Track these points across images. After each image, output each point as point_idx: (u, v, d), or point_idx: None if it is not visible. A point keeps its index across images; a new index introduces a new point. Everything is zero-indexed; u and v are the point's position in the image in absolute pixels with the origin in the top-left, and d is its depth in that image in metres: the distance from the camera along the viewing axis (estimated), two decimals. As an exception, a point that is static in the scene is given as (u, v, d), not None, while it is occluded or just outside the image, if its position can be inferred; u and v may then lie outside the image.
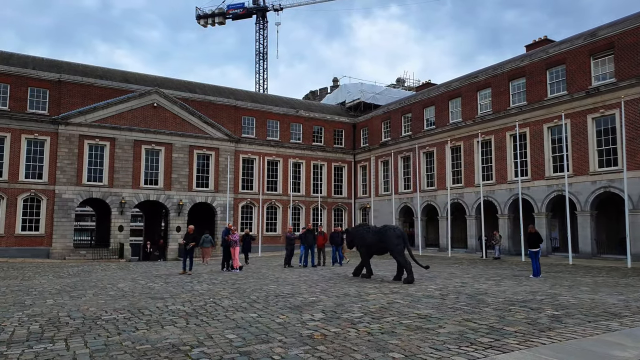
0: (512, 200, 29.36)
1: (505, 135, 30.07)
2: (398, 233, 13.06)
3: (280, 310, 8.43)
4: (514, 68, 29.92)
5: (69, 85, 32.02)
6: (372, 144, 41.29)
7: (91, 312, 8.76)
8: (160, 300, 9.89)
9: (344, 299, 9.58)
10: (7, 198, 29.32)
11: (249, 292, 11.01)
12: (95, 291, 11.98)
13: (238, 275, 15.55)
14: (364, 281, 13.17)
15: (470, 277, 14.84)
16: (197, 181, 35.87)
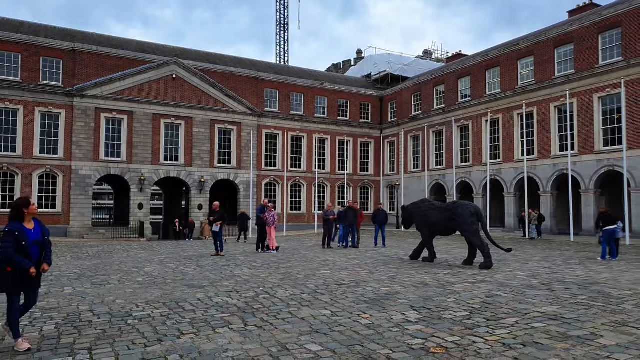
0: (556, 177, 27.22)
1: (550, 106, 27.71)
2: (472, 210, 11.18)
3: (354, 305, 6.71)
4: (561, 34, 27.36)
5: (84, 55, 30.31)
6: (401, 117, 39.09)
7: (119, 305, 7.14)
8: (200, 290, 8.24)
9: (427, 290, 7.81)
10: (21, 174, 28.04)
11: (302, 279, 9.32)
12: (120, 277, 10.41)
13: (278, 257, 13.90)
14: (431, 266, 11.35)
15: (540, 259, 13.00)
16: (218, 157, 34.24)
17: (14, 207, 5.15)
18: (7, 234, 4.95)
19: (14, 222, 5.06)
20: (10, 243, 4.90)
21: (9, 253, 4.86)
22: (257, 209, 16.90)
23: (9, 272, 4.91)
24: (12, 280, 4.95)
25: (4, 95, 27.63)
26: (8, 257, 4.87)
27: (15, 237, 4.93)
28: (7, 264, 4.89)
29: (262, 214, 16.23)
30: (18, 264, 4.87)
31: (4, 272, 4.91)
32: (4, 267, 4.90)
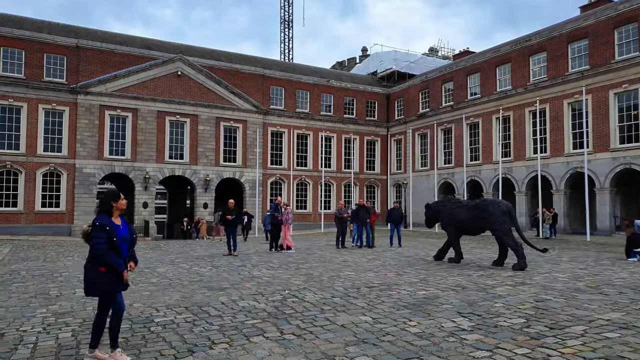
0: (570, 175, 26.69)
1: (563, 103, 27.17)
2: (504, 208, 10.64)
3: (394, 310, 6.20)
4: (575, 29, 26.82)
5: (88, 51, 29.80)
6: (409, 115, 38.55)
7: (137, 309, 6.64)
8: (222, 293, 7.73)
9: (468, 294, 7.27)
10: (25, 172, 27.54)
11: (327, 281, 8.81)
12: (134, 278, 9.89)
13: (294, 257, 13.39)
14: (460, 267, 10.78)
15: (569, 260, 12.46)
16: (224, 155, 33.71)
17: (102, 201, 4.59)
18: (98, 229, 4.35)
19: (103, 217, 4.47)
20: (102, 239, 4.31)
21: (102, 250, 4.28)
22: (271, 208, 16.38)
23: (102, 273, 4.32)
24: (108, 282, 4.36)
25: (7, 92, 27.14)
26: (101, 254, 4.28)
27: (107, 232, 4.35)
28: (100, 263, 4.31)
29: (276, 212, 15.72)
30: (111, 264, 4.30)
31: (97, 272, 4.32)
32: (96, 267, 4.32)
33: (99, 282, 4.36)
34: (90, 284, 4.39)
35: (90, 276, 4.38)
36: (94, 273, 4.37)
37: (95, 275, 4.35)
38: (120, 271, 4.39)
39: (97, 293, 4.43)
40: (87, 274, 4.43)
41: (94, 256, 4.35)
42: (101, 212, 4.53)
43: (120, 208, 4.64)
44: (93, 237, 4.33)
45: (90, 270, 4.41)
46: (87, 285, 4.43)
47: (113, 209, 4.57)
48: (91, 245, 4.35)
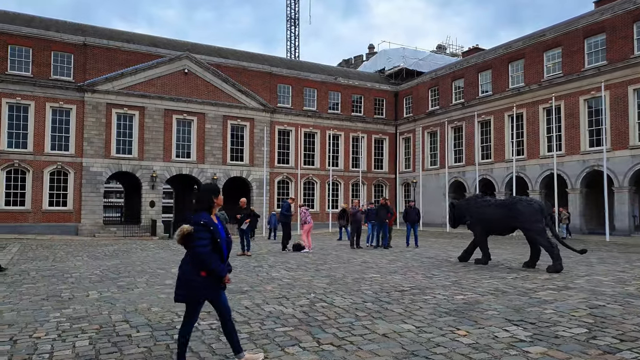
0: (586, 173, 26.12)
1: (579, 99, 26.60)
2: (536, 207, 10.15)
3: (436, 317, 5.73)
4: (591, 23, 26.24)
5: (95, 49, 29.47)
6: (417, 113, 38.04)
7: (156, 314, 6.23)
8: (244, 296, 7.30)
9: (510, 299, 6.76)
10: (32, 171, 27.24)
11: (352, 283, 8.37)
12: (147, 279, 9.52)
13: (310, 258, 12.96)
14: (490, 269, 10.24)
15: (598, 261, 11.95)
16: (231, 154, 33.33)
17: (202, 196, 4.09)
18: (203, 228, 3.85)
19: (204, 214, 3.98)
20: (206, 240, 3.84)
21: (206, 253, 3.81)
22: (283, 207, 15.96)
23: (204, 278, 3.86)
24: (204, 287, 3.90)
25: (15, 91, 26.86)
26: (205, 259, 3.81)
27: (212, 232, 3.89)
28: (202, 267, 3.84)
29: (288, 212, 15.30)
30: (213, 269, 3.85)
31: (199, 277, 3.85)
32: (198, 271, 3.84)
33: (201, 289, 3.90)
34: (191, 289, 3.89)
35: (193, 282, 3.87)
36: (195, 278, 3.87)
37: (198, 281, 3.87)
38: (222, 276, 3.95)
39: (197, 300, 3.96)
40: (185, 277, 3.91)
41: (195, 259, 3.86)
42: (201, 209, 4.02)
43: (219, 205, 4.18)
44: (196, 238, 3.84)
45: (191, 274, 3.89)
46: (187, 291, 3.90)
47: (214, 206, 4.11)
48: (192, 247, 3.86)
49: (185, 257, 4.03)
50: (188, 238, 3.89)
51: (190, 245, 3.89)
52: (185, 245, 3.96)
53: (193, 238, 3.85)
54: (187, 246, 3.96)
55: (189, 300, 3.94)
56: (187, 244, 3.92)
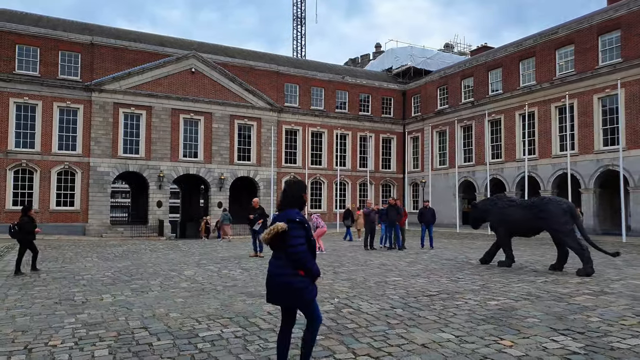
0: (600, 173, 25.69)
1: (592, 98, 26.16)
2: (565, 207, 9.79)
3: (474, 325, 5.39)
4: (605, 20, 25.80)
5: (102, 48, 29.28)
6: (426, 112, 37.65)
7: (175, 320, 5.94)
8: (264, 300, 6.97)
9: (547, 305, 6.36)
10: (40, 171, 27.09)
11: (375, 287, 8.05)
12: (161, 281, 9.24)
13: (326, 260, 12.64)
14: (516, 272, 9.82)
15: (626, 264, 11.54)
16: (238, 154, 33.08)
17: (292, 191, 3.88)
18: (298, 226, 3.62)
19: (297, 211, 3.76)
20: (303, 238, 3.63)
21: (304, 252, 3.61)
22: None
23: (303, 278, 3.65)
24: (306, 287, 3.68)
25: (22, 91, 26.72)
26: (302, 257, 3.60)
27: (307, 230, 3.68)
28: (299, 266, 3.62)
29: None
30: (310, 269, 3.63)
31: (296, 277, 3.62)
32: (296, 271, 3.62)
33: (307, 289, 3.66)
34: (294, 291, 3.63)
35: (294, 283, 3.63)
36: (295, 279, 3.61)
37: (299, 281, 3.63)
38: (318, 276, 3.74)
39: (304, 302, 3.68)
40: (283, 279, 3.65)
41: (292, 258, 3.62)
42: (291, 206, 3.79)
43: (306, 201, 3.97)
44: (292, 237, 3.60)
45: (289, 275, 3.63)
46: (291, 293, 3.65)
47: (304, 203, 3.90)
48: (288, 246, 3.61)
49: (275, 257, 3.76)
50: (280, 237, 3.62)
51: (286, 245, 3.63)
52: (274, 244, 3.72)
53: (288, 237, 3.62)
54: (276, 246, 3.72)
55: (298, 304, 3.70)
56: (277, 243, 3.68)
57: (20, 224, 10.90)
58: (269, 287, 3.75)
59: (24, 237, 10.87)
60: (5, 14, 28.81)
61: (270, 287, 3.74)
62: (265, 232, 3.67)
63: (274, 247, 3.75)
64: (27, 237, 10.88)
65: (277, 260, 3.72)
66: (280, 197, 4.00)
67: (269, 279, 3.76)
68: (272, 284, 3.71)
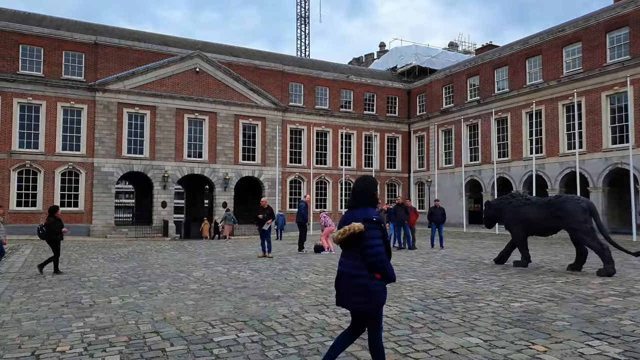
0: (609, 171, 25.39)
1: (601, 96, 25.86)
2: (584, 205, 9.54)
3: (501, 329, 5.15)
4: (613, 17, 25.50)
5: (106, 48, 29.13)
6: (431, 111, 37.39)
7: (187, 324, 5.73)
8: (278, 303, 6.79)
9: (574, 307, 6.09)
10: (44, 171, 26.95)
11: (390, 289, 7.68)
12: (169, 283, 9.04)
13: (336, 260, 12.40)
14: (534, 272, 9.53)
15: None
16: (243, 153, 32.88)
17: (364, 189, 3.61)
18: (375, 226, 3.39)
19: (372, 210, 3.53)
20: (380, 239, 3.41)
21: (382, 254, 3.38)
22: (300, 206, 15.42)
23: (379, 282, 3.41)
24: (383, 291, 3.46)
25: (26, 91, 26.59)
26: (380, 259, 3.37)
27: (384, 231, 3.47)
28: (376, 269, 3.38)
29: (305, 212, 14.81)
30: (387, 272, 3.41)
31: (373, 280, 3.37)
32: (372, 274, 3.37)
33: (381, 294, 3.44)
34: (371, 295, 3.39)
35: (371, 286, 3.39)
36: (372, 282, 3.37)
37: (376, 284, 3.40)
38: (393, 281, 3.50)
39: (376, 306, 3.44)
40: (359, 282, 3.40)
41: (370, 260, 3.38)
42: (364, 205, 3.54)
43: (378, 199, 3.73)
44: (368, 237, 3.36)
45: (366, 277, 3.37)
46: (368, 298, 3.39)
47: (377, 201, 3.66)
48: (364, 247, 3.38)
49: (348, 257, 3.51)
50: (356, 237, 3.38)
51: (362, 245, 3.39)
52: (347, 244, 3.47)
53: (364, 237, 3.38)
54: (349, 247, 3.48)
55: (371, 308, 3.43)
56: (352, 243, 3.44)
57: (47, 225, 10.93)
58: (341, 288, 3.50)
59: (51, 237, 10.87)
60: (8, 13, 28.70)
61: (343, 288, 3.48)
62: (339, 233, 3.45)
63: (346, 246, 3.52)
64: (53, 238, 10.89)
65: (352, 260, 3.46)
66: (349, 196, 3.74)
67: (341, 279, 3.51)
68: (345, 285, 3.46)
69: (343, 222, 3.53)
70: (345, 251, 3.55)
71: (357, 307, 3.43)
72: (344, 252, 3.58)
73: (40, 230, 11.04)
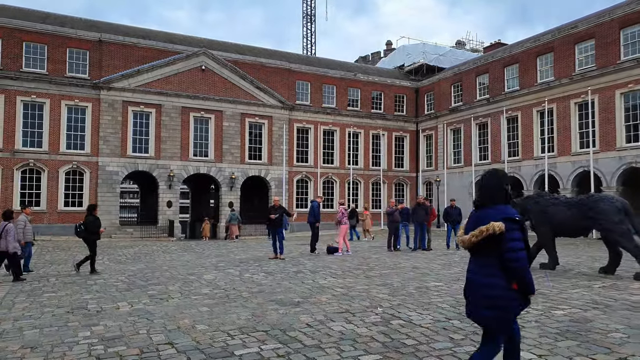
0: (623, 170, 24.80)
1: (615, 93, 25.25)
2: (619, 205, 9.04)
3: (552, 340, 4.68)
4: (628, 13, 24.89)
5: (111, 46, 28.74)
6: (440, 109, 36.84)
7: (204, 334, 5.27)
8: (299, 310, 6.33)
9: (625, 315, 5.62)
10: (48, 171, 26.58)
11: (417, 294, 7.35)
12: (180, 287, 8.59)
13: (351, 262, 11.96)
14: (562, 276, 9.07)
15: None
16: (249, 153, 32.43)
17: (497, 183, 3.18)
18: (517, 226, 2.97)
19: (510, 208, 3.13)
20: (521, 242, 2.97)
21: (524, 259, 2.96)
22: (313, 206, 14.94)
23: (514, 293, 2.96)
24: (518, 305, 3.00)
25: (30, 89, 26.21)
26: (522, 267, 2.94)
27: (525, 233, 3.02)
28: (516, 277, 2.94)
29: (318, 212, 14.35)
30: (529, 282, 2.97)
31: (508, 290, 2.94)
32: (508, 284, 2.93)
33: (516, 307, 2.99)
34: (503, 308, 2.94)
35: (503, 297, 2.94)
36: (506, 293, 2.89)
37: (510, 296, 2.93)
38: (533, 292, 3.04)
39: (508, 320, 3.01)
40: (490, 292, 2.96)
41: (511, 266, 2.93)
42: (496, 202, 3.11)
43: (510, 194, 3.29)
44: (509, 240, 2.92)
45: (500, 287, 2.92)
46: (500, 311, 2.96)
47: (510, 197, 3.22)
48: (505, 250, 2.93)
49: (480, 264, 3.07)
50: (493, 239, 2.90)
51: (502, 249, 2.93)
52: (477, 248, 3.05)
53: (504, 240, 2.93)
54: (480, 250, 3.04)
55: (503, 324, 2.99)
56: (484, 247, 3.00)
57: (85, 223, 10.55)
58: (474, 299, 3.04)
59: (88, 236, 10.49)
60: (11, 10, 28.35)
61: (476, 299, 3.02)
62: (472, 235, 2.97)
63: (476, 250, 3.08)
64: (90, 237, 10.52)
65: (484, 267, 3.00)
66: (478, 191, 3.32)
67: (472, 289, 3.06)
68: (478, 297, 2.98)
69: (473, 223, 3.07)
70: (474, 256, 3.12)
71: (488, 323, 2.97)
72: (473, 258, 3.14)
73: (78, 228, 10.73)
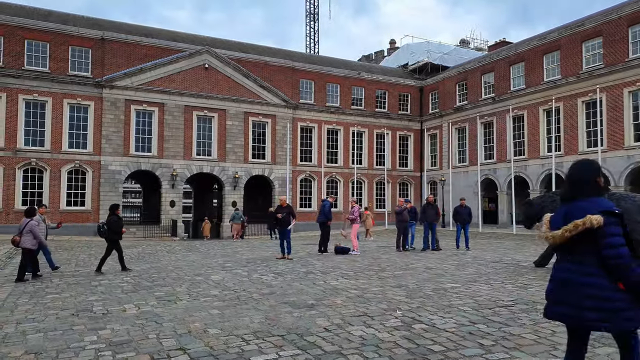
0: (631, 170, 24.52)
1: (623, 92, 24.96)
2: None
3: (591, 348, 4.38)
4: (636, 10, 24.58)
5: (113, 44, 28.50)
6: (444, 108, 36.55)
7: (217, 339, 5.01)
8: (315, 313, 6.06)
9: None
10: (50, 170, 26.35)
11: (435, 296, 7.06)
12: (188, 288, 8.32)
13: (361, 262, 11.68)
14: None
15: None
16: (252, 152, 32.18)
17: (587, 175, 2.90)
18: (616, 220, 2.69)
19: (605, 200, 2.85)
20: (622, 238, 2.67)
21: (627, 256, 2.64)
22: (324, 205, 14.63)
23: (623, 294, 2.65)
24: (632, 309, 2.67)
25: (32, 87, 25.99)
26: (625, 264, 2.62)
27: (625, 228, 2.73)
28: (620, 276, 2.64)
29: (330, 212, 14.08)
30: (635, 281, 2.62)
31: (616, 292, 2.65)
32: (614, 284, 2.66)
33: (628, 310, 2.66)
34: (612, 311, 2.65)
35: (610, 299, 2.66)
36: (617, 294, 2.63)
37: (619, 298, 2.64)
38: None
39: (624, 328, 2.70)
40: (595, 292, 2.68)
41: (612, 263, 2.65)
42: (592, 194, 2.84)
43: (603, 187, 3.01)
44: (609, 234, 2.65)
45: (609, 288, 2.63)
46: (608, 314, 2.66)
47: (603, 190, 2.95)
48: (604, 246, 2.66)
49: (573, 261, 2.79)
50: (588, 235, 2.62)
51: (601, 245, 2.65)
52: (569, 245, 2.77)
53: (602, 234, 2.65)
54: (573, 247, 2.77)
55: (616, 327, 2.69)
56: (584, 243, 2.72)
57: (108, 223, 10.33)
58: (569, 300, 2.75)
59: (111, 236, 10.24)
60: (13, 8, 28.12)
61: (571, 300, 2.73)
62: (565, 229, 2.69)
63: (567, 247, 2.80)
64: (113, 237, 10.30)
65: (578, 265, 2.71)
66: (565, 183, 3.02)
67: (567, 289, 2.76)
68: (576, 297, 2.69)
69: (562, 218, 2.80)
70: (565, 253, 2.84)
71: (594, 325, 2.67)
72: (562, 256, 2.86)
73: (102, 228, 10.56)
